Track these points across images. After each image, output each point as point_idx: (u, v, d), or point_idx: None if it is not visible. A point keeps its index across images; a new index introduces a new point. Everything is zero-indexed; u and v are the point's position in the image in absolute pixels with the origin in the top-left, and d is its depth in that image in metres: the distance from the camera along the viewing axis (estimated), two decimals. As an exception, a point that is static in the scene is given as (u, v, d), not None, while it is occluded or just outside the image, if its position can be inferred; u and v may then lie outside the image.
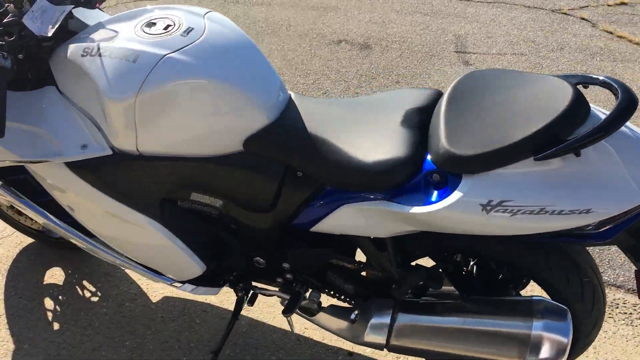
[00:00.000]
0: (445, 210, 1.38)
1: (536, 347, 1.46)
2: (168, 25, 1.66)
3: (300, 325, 2.20)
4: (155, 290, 2.35)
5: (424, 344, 1.61)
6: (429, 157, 1.50)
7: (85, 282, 2.39)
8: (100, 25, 1.77)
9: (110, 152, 1.64)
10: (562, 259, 1.55)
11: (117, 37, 1.67)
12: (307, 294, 1.87)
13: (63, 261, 2.50)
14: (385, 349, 1.70)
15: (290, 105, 1.70)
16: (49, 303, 2.31)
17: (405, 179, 1.49)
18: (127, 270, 2.44)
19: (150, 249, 1.84)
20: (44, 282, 2.40)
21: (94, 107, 1.63)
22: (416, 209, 1.42)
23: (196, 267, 1.85)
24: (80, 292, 2.35)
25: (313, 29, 4.94)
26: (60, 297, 2.33)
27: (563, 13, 5.26)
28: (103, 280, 2.40)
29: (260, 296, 2.03)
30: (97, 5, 1.96)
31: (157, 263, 1.91)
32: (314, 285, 1.88)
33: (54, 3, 1.76)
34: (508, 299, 1.60)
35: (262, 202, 1.69)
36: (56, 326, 2.22)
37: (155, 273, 1.94)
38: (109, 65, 1.59)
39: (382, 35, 4.82)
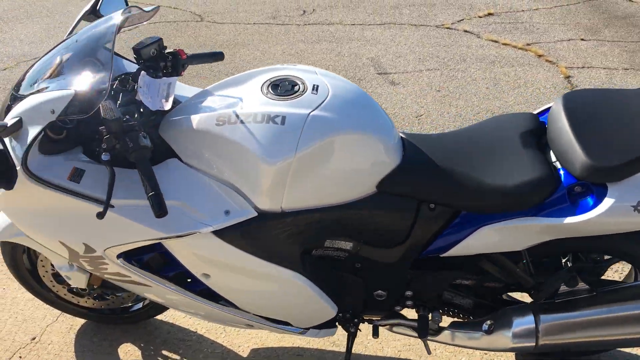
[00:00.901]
0: (601, 216, 1.64)
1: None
2: (293, 85, 1.76)
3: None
4: (240, 345, 2.37)
5: (577, 337, 1.85)
6: (561, 172, 1.76)
7: (165, 352, 2.34)
8: (207, 94, 1.83)
9: (255, 214, 1.71)
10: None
11: (246, 103, 1.73)
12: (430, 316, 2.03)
13: (128, 336, 2.43)
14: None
15: (407, 143, 1.87)
16: (139, 381, 2.25)
17: (548, 194, 1.74)
18: (200, 332, 2.42)
19: (286, 301, 1.91)
20: (122, 361, 2.32)
21: (233, 172, 1.70)
22: (570, 219, 1.67)
23: (330, 311, 1.96)
24: (166, 363, 2.30)
25: (236, 68, 5.02)
26: (148, 373, 2.27)
27: (447, 28, 5.81)
28: (182, 346, 2.37)
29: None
30: (182, 73, 1.99)
31: (288, 314, 1.97)
32: (433, 307, 2.04)
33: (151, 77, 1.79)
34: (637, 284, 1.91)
35: (394, 238, 1.85)
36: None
37: (283, 324, 2.00)
38: (258, 130, 1.66)
39: (304, 65, 5.01)
